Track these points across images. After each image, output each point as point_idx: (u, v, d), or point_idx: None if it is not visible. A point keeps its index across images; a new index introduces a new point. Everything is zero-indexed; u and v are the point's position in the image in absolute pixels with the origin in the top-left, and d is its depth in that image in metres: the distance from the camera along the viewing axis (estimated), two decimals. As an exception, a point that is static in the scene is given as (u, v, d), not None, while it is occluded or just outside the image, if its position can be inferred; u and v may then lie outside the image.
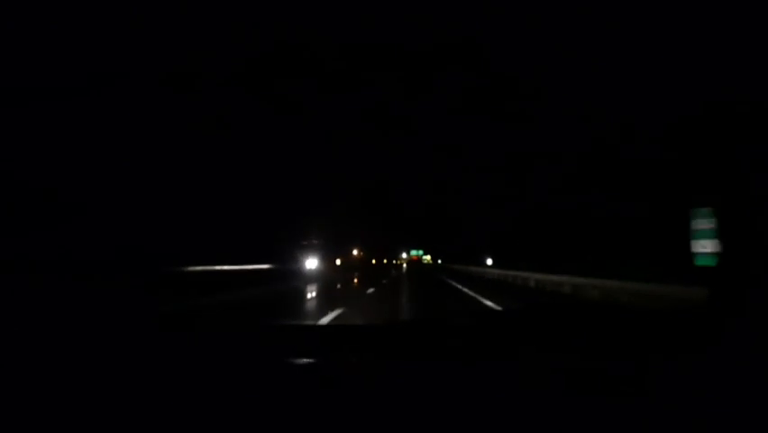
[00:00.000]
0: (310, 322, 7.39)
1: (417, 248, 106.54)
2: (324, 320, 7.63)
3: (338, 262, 45.32)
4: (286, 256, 27.77)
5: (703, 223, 6.82)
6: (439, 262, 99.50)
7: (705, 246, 6.52)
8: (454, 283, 21.40)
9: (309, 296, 13.53)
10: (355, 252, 62.33)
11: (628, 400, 1.05)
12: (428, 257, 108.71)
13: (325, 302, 11.52)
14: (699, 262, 6.69)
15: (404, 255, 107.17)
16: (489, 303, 11.52)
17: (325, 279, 23.67)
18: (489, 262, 45.21)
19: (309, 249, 31.85)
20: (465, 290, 16.53)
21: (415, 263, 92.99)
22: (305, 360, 1.43)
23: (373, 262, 75.91)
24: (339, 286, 18.24)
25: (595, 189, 23.90)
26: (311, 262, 30.89)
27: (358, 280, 23.39)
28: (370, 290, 15.38)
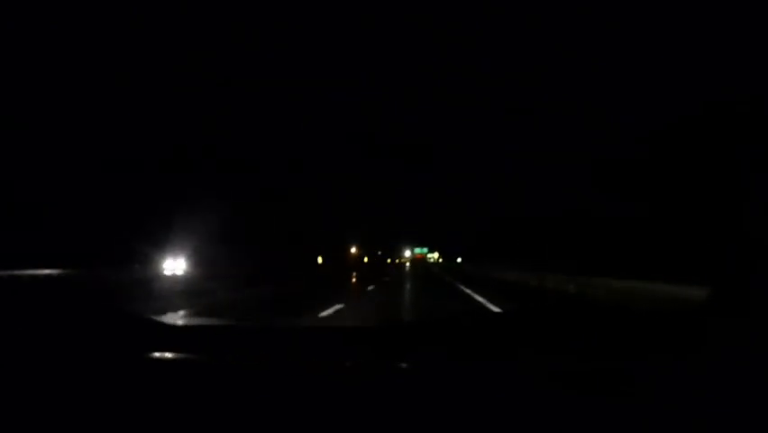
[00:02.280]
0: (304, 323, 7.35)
1: (422, 245, 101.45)
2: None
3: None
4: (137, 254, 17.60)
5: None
6: (458, 260, 75.41)
7: None
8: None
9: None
10: (354, 249, 60.60)
11: (628, 401, 1.05)
12: (435, 255, 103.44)
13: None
14: None
15: (407, 253, 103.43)
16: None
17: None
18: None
19: (180, 246, 20.60)
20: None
21: (419, 262, 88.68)
22: (302, 361, 1.43)
23: (322, 262, 48.97)
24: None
25: (595, 189, 23.94)
26: (173, 265, 20.38)
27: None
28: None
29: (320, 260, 47.20)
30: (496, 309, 11.06)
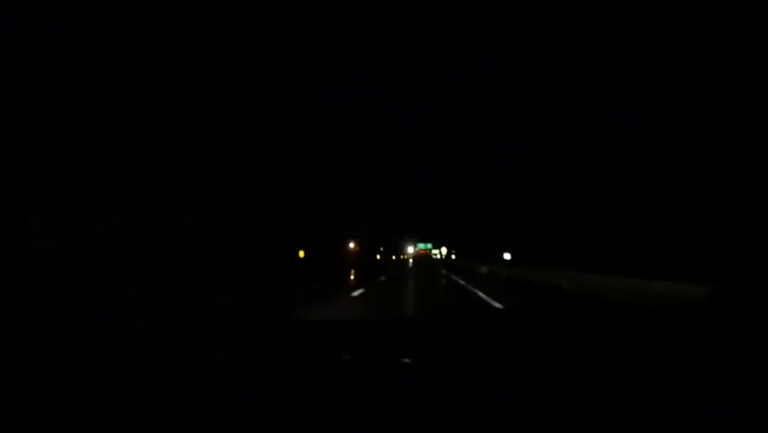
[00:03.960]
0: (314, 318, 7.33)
1: (426, 241, 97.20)
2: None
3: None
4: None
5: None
6: (507, 257, 49.56)
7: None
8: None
9: None
10: (352, 245, 59.23)
11: (628, 401, 1.05)
12: (444, 251, 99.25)
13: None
14: None
15: (410, 250, 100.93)
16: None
17: None
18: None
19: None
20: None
21: (423, 259, 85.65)
22: (304, 359, 1.43)
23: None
24: None
25: (595, 189, 23.88)
26: None
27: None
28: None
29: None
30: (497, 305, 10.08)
